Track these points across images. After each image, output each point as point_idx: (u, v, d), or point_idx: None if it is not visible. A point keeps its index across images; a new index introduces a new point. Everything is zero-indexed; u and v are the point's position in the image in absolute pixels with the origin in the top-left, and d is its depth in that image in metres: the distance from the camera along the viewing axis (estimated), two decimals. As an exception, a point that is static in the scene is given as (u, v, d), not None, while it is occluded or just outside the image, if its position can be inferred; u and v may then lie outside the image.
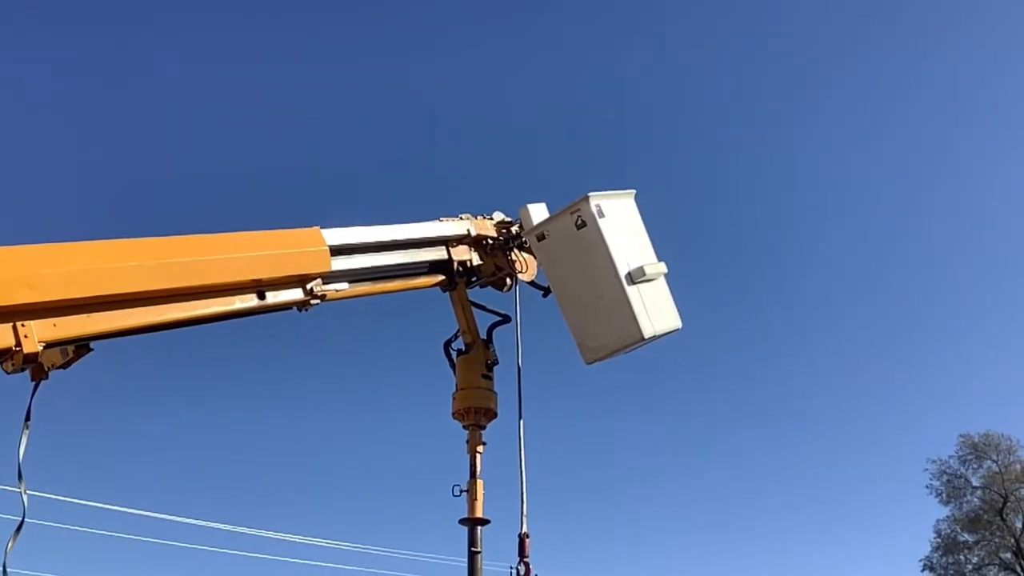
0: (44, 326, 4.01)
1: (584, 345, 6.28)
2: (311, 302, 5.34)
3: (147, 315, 4.45)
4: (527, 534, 6.03)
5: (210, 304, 4.76)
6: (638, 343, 6.13)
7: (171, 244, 4.67)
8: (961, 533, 41.44)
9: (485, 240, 6.68)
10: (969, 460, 41.29)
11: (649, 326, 6.07)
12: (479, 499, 6.22)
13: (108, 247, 4.39)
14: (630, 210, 6.44)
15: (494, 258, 6.74)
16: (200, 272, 4.67)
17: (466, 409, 6.46)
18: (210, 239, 4.90)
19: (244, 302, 4.96)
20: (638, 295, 6.08)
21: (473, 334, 6.70)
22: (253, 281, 4.98)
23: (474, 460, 6.35)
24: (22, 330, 3.93)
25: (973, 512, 41.03)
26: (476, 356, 6.63)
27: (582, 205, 6.12)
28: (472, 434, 6.42)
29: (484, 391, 6.53)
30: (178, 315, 4.59)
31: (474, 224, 6.62)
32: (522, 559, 6.02)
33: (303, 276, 5.26)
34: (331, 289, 5.46)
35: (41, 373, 4.23)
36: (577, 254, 6.17)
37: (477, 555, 6.17)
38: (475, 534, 6.18)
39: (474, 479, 6.30)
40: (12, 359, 3.96)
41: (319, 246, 5.35)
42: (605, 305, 6.10)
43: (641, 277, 6.10)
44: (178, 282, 4.54)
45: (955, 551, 41.22)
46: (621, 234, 6.19)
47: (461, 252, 6.49)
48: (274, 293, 5.11)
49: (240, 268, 4.90)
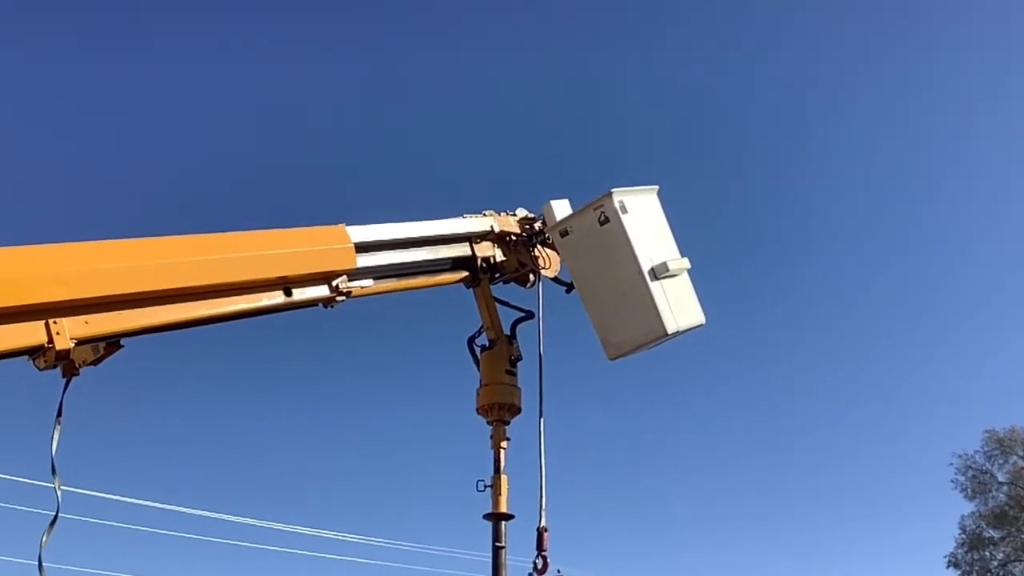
0: (76, 323, 4.07)
1: (607, 341, 6.29)
2: (337, 299, 5.39)
3: (176, 312, 4.50)
4: (546, 528, 6.09)
5: (238, 301, 4.81)
6: (661, 339, 6.13)
7: (199, 242, 4.72)
8: (987, 529, 41.06)
9: (508, 236, 6.70)
10: (995, 455, 40.89)
11: (673, 322, 6.07)
12: (503, 494, 6.27)
13: (138, 245, 4.44)
14: (653, 206, 6.44)
15: (517, 254, 6.75)
16: (228, 269, 4.72)
17: (490, 405, 6.48)
18: (237, 236, 4.95)
19: (271, 299, 5.00)
20: (661, 291, 6.08)
21: (497, 330, 6.73)
22: (280, 278, 5.03)
23: (498, 455, 6.39)
24: (54, 327, 3.99)
25: (999, 508, 40.63)
26: (500, 352, 6.66)
27: (605, 201, 6.13)
28: (496, 429, 6.46)
29: (508, 387, 6.56)
30: (207, 312, 4.65)
31: (497, 220, 6.64)
32: (540, 553, 6.07)
33: (329, 273, 5.30)
34: (356, 286, 5.50)
35: (72, 370, 4.27)
36: (600, 250, 6.18)
37: (501, 550, 6.21)
38: (499, 529, 6.22)
39: (498, 474, 6.34)
40: (45, 356, 4.01)
41: (344, 243, 5.39)
42: (628, 301, 6.11)
43: (664, 273, 6.10)
44: (207, 279, 4.60)
45: (980, 547, 40.85)
46: (644, 230, 6.19)
47: (484, 248, 6.50)
48: (300, 290, 5.16)
49: (267, 265, 4.95)
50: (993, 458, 41.01)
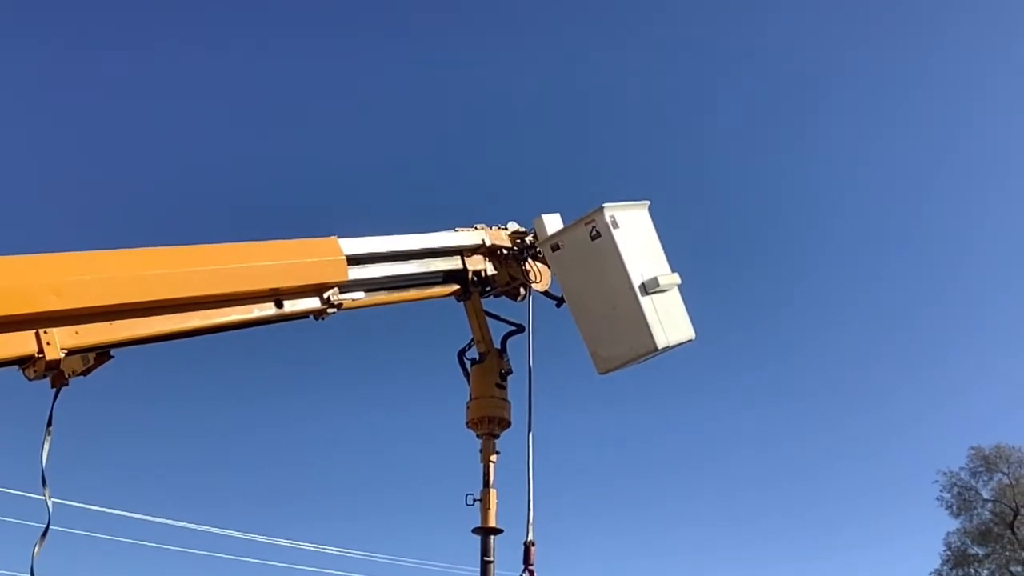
0: (66, 333, 4.06)
1: (598, 355, 6.31)
2: (328, 311, 5.38)
3: (168, 323, 4.50)
4: (533, 542, 6.06)
5: (229, 312, 4.80)
6: (651, 354, 6.16)
7: (191, 253, 4.72)
8: (972, 546, 41.16)
9: (500, 250, 6.72)
10: (980, 472, 41.03)
11: (663, 337, 6.10)
12: (492, 508, 6.26)
13: (129, 256, 4.44)
14: (644, 221, 6.47)
15: (508, 268, 6.78)
16: (220, 281, 4.72)
17: (480, 418, 6.49)
18: (229, 248, 4.95)
19: (262, 310, 5.00)
20: (652, 306, 6.11)
21: (487, 343, 6.73)
22: (271, 290, 5.02)
23: (487, 469, 6.39)
24: (44, 337, 3.98)
25: (984, 525, 40.75)
26: (490, 365, 6.67)
27: (596, 216, 6.16)
28: (486, 443, 6.45)
29: (498, 400, 6.56)
30: (198, 323, 4.64)
31: (489, 234, 6.66)
32: (527, 567, 6.04)
33: (320, 285, 5.30)
34: (348, 298, 5.50)
35: (62, 380, 4.25)
36: (591, 264, 6.21)
37: (490, 564, 6.19)
38: (488, 543, 6.21)
39: (487, 488, 6.33)
40: (34, 366, 4.00)
41: (336, 255, 5.40)
42: (619, 316, 6.13)
43: (655, 288, 6.13)
44: (199, 290, 4.59)
45: (965, 564, 40.93)
46: (635, 245, 6.22)
47: (476, 262, 6.52)
48: (292, 302, 5.15)
49: (259, 277, 4.94)
50: (978, 475, 41.17)
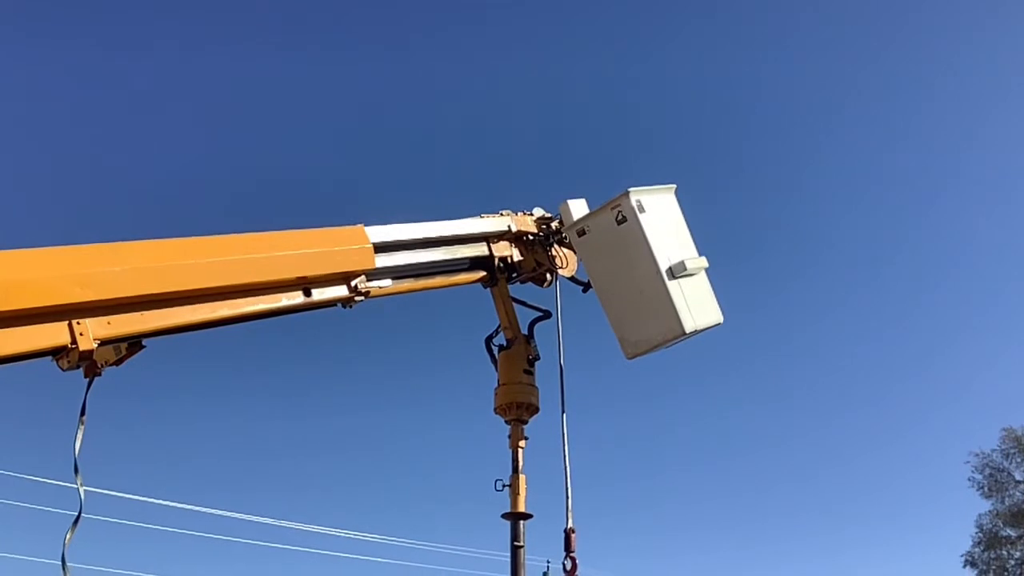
0: (99, 324, 4.10)
1: (625, 340, 6.29)
2: (355, 299, 5.40)
3: (198, 312, 4.53)
4: (573, 529, 6.04)
5: (258, 301, 4.84)
6: (679, 338, 6.13)
7: (220, 243, 4.74)
8: (1004, 528, 40.77)
9: (526, 236, 6.71)
10: (1012, 454, 40.56)
11: (691, 321, 6.07)
12: (522, 494, 6.26)
13: (159, 246, 4.47)
14: (671, 205, 6.43)
15: (534, 254, 6.77)
16: (249, 270, 4.74)
17: (508, 404, 6.49)
18: (257, 237, 4.98)
19: (290, 299, 5.03)
20: (679, 290, 6.08)
21: (514, 330, 6.73)
22: (299, 278, 5.05)
23: (516, 455, 6.39)
24: (77, 328, 4.02)
25: (1016, 507, 40.32)
26: (517, 352, 6.66)
27: (622, 200, 6.13)
28: (514, 429, 6.45)
29: (526, 386, 6.55)
30: (228, 312, 4.67)
31: (515, 220, 6.65)
32: (568, 554, 6.01)
33: (348, 273, 5.32)
34: (375, 286, 5.52)
35: (94, 370, 4.30)
36: (618, 249, 6.18)
37: (520, 549, 6.20)
38: (518, 528, 6.22)
39: (516, 474, 6.33)
40: (68, 356, 4.05)
41: (363, 243, 5.41)
42: (646, 300, 6.10)
43: (682, 272, 6.09)
44: (229, 280, 4.62)
45: (997, 546, 40.56)
46: (662, 229, 6.18)
47: (502, 248, 6.52)
48: (319, 290, 5.18)
49: (287, 266, 4.97)
50: (1010, 456, 40.73)
